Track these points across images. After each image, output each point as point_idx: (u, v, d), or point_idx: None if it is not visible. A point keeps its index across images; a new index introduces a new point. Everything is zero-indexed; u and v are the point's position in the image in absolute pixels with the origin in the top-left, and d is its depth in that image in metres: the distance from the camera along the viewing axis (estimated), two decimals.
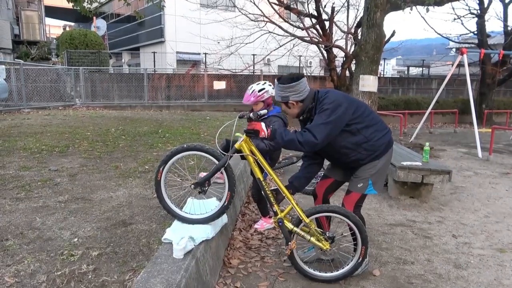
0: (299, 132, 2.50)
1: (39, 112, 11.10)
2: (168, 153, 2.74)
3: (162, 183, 2.74)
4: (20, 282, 2.04)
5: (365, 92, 7.80)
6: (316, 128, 2.43)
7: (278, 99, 2.64)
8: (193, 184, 2.70)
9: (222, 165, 2.64)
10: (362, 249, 2.65)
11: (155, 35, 22.60)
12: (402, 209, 4.42)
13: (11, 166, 4.39)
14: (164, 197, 2.76)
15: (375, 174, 2.65)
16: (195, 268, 2.25)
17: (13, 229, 2.70)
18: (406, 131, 11.03)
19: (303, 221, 2.63)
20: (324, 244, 2.66)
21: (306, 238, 2.66)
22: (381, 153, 2.64)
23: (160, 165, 2.72)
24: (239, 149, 2.67)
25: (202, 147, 2.71)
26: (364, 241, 2.65)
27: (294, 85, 2.52)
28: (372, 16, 7.69)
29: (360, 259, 2.68)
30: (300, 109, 2.60)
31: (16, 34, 22.71)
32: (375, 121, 2.64)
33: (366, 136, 2.57)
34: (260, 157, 2.68)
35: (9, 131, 6.84)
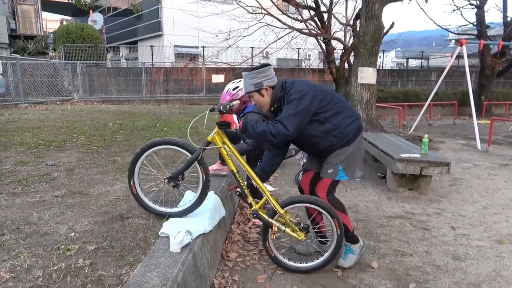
0: (271, 124, 2.48)
1: (36, 107, 11.05)
2: (138, 150, 2.76)
3: (140, 194, 2.81)
4: (16, 277, 2.03)
5: (364, 84, 7.78)
6: (287, 119, 2.43)
7: (250, 88, 2.58)
8: (166, 179, 2.71)
9: (195, 159, 2.64)
10: (334, 221, 2.60)
11: (153, 29, 22.44)
12: (400, 201, 4.42)
13: (8, 161, 4.37)
14: (144, 200, 2.83)
15: (345, 160, 2.65)
16: (192, 261, 2.24)
17: (9, 224, 2.69)
18: (405, 123, 11.02)
19: (278, 212, 2.63)
20: (299, 234, 2.66)
21: (281, 229, 2.65)
22: (351, 139, 2.65)
23: (129, 179, 2.79)
24: (211, 142, 2.68)
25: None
26: (333, 216, 2.60)
27: (265, 70, 2.55)
28: (370, 7, 7.64)
29: (339, 232, 2.61)
30: (271, 98, 2.59)
31: (13, 28, 22.53)
32: (343, 108, 2.65)
33: (335, 123, 2.59)
34: (233, 149, 2.69)
35: (6, 126, 6.81)
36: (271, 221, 2.64)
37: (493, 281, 2.72)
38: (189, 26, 17.69)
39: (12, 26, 22.40)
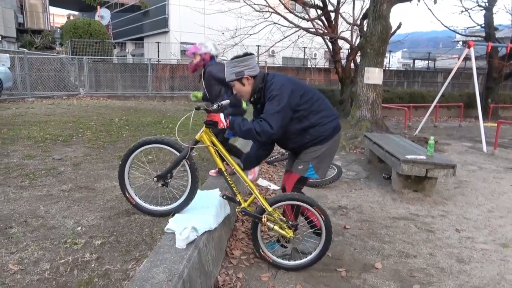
0: (256, 122, 2.50)
1: (43, 101, 11.12)
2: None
3: (139, 202, 2.86)
4: (24, 270, 2.05)
5: (370, 84, 7.76)
6: (271, 117, 2.44)
7: (231, 77, 2.57)
8: (155, 177, 2.76)
9: (183, 157, 2.68)
10: (315, 209, 2.59)
11: (159, 25, 22.46)
12: (405, 202, 4.41)
13: (15, 154, 4.41)
14: (145, 206, 2.87)
15: (316, 158, 2.66)
16: (197, 258, 2.26)
17: (17, 217, 2.71)
18: (410, 125, 10.97)
19: (266, 210, 2.63)
20: (287, 232, 2.66)
21: (270, 227, 2.66)
22: (325, 138, 2.65)
23: (123, 191, 2.85)
24: (199, 140, 2.72)
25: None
26: (313, 204, 2.59)
27: (247, 59, 2.54)
28: (378, 7, 7.61)
29: (324, 218, 2.59)
30: (252, 88, 2.58)
31: (20, 22, 22.66)
32: (322, 107, 2.65)
33: (312, 121, 2.60)
34: (221, 148, 2.72)
35: (13, 120, 6.86)
36: (260, 216, 2.64)
37: (498, 285, 2.72)
38: (195, 23, 17.70)
39: (19, 20, 22.53)
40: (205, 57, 3.81)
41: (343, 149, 7.17)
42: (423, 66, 26.54)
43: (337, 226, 3.61)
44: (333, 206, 4.16)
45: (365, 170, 5.75)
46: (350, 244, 3.24)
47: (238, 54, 2.60)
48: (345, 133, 7.75)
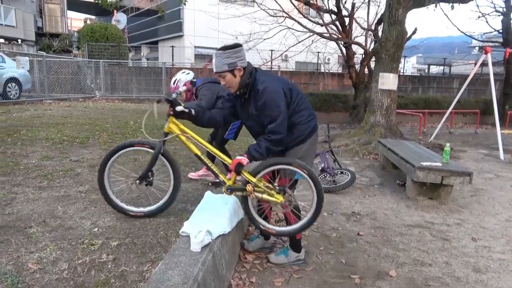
0: (267, 138, 2.51)
1: (60, 103, 11.33)
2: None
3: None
4: (43, 269, 2.10)
5: (385, 90, 7.71)
6: (278, 127, 2.48)
7: (223, 68, 2.49)
8: (137, 180, 2.82)
9: (158, 153, 2.75)
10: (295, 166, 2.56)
11: (174, 29, 22.71)
12: (420, 210, 4.36)
13: (34, 155, 4.51)
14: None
15: (301, 158, 2.65)
16: (211, 261, 2.27)
17: (36, 217, 2.78)
18: (425, 131, 10.84)
19: (251, 182, 2.63)
20: (277, 197, 2.65)
21: (259, 197, 2.66)
22: (306, 137, 2.67)
23: (115, 208, 2.86)
24: (168, 132, 2.78)
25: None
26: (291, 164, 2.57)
27: (239, 50, 2.51)
28: (394, 13, 7.57)
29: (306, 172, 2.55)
30: (241, 79, 2.54)
31: (39, 26, 23.21)
32: (304, 106, 2.67)
33: (294, 120, 2.61)
34: (191, 133, 2.77)
35: (32, 122, 7.01)
36: (245, 187, 2.63)
37: None
38: (209, 28, 17.85)
39: (38, 24, 23.08)
40: (188, 87, 3.87)
41: (356, 155, 7.12)
42: (438, 72, 26.21)
43: (350, 232, 3.59)
44: (346, 212, 4.14)
45: (379, 176, 5.70)
46: (364, 251, 3.22)
47: (226, 45, 2.54)
48: (358, 139, 7.70)
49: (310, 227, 2.76)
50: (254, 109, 2.57)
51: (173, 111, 2.70)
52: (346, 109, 12.29)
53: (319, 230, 3.59)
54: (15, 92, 10.71)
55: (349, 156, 7.05)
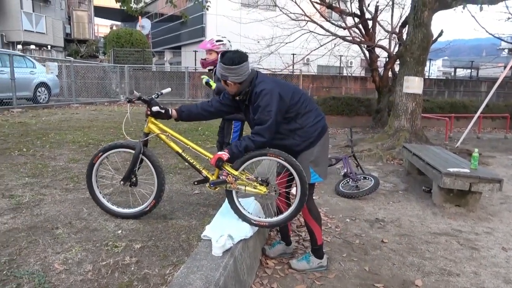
0: (250, 138, 2.53)
1: (86, 107, 11.65)
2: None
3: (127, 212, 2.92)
4: (68, 270, 2.14)
5: (410, 94, 7.54)
6: (263, 131, 2.49)
7: (218, 75, 2.59)
8: (121, 181, 2.88)
9: (138, 153, 2.81)
10: (270, 155, 2.56)
11: (197, 34, 23.02)
12: (447, 217, 4.22)
13: (62, 158, 4.64)
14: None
15: (314, 161, 2.64)
16: (233, 266, 2.26)
17: (62, 218, 2.85)
18: (452, 136, 10.53)
19: (233, 175, 2.62)
20: (260, 189, 2.64)
21: (242, 190, 2.65)
22: (315, 139, 2.63)
23: (112, 214, 2.92)
24: (148, 132, 2.84)
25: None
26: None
27: (235, 68, 2.49)
28: (419, 15, 7.41)
29: (283, 159, 2.53)
30: (238, 90, 2.58)
31: (68, 33, 24.00)
32: (310, 107, 2.63)
33: (300, 123, 2.58)
34: (171, 132, 2.82)
35: (59, 125, 7.23)
36: (229, 185, 2.63)
37: None
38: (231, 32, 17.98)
39: (67, 30, 23.87)
40: (215, 58, 3.71)
41: (380, 160, 6.98)
42: (465, 75, 25.50)
43: (374, 239, 3.51)
44: (370, 219, 4.05)
45: (403, 182, 5.56)
46: (388, 258, 3.14)
47: (229, 53, 2.53)
48: (382, 143, 7.55)
49: (299, 214, 2.73)
50: (252, 112, 2.58)
51: (150, 111, 2.76)
52: (369, 113, 12.09)
53: (341, 237, 3.53)
54: (44, 97, 11.10)
55: (372, 161, 6.92)
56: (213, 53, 3.70)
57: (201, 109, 2.80)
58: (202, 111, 2.80)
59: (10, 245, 2.38)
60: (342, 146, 8.04)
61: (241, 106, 2.71)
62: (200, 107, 2.81)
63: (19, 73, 9.57)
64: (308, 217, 2.75)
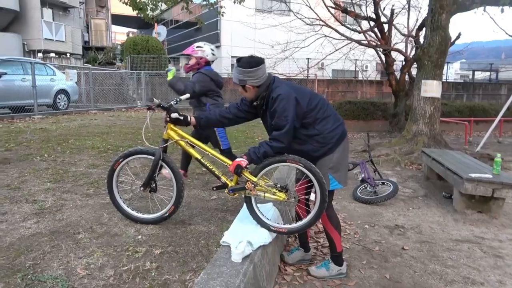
0: (268, 143, 2.53)
1: (104, 113, 11.86)
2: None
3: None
4: (90, 275, 2.17)
5: (428, 97, 7.43)
6: (281, 137, 2.48)
7: (235, 81, 2.58)
8: (141, 187, 2.90)
9: (158, 159, 2.82)
10: (289, 161, 2.54)
11: (211, 40, 23.19)
12: (468, 224, 4.12)
13: (81, 163, 4.72)
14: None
15: (333, 167, 2.61)
16: (252, 273, 2.26)
17: (84, 223, 2.89)
18: (471, 140, 10.31)
19: (252, 181, 2.61)
20: (279, 196, 2.62)
21: (261, 197, 2.63)
22: (334, 145, 2.60)
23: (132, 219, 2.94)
24: (167, 139, 2.85)
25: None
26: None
27: (253, 71, 2.50)
28: (437, 17, 7.32)
29: (301, 164, 2.51)
30: (255, 94, 2.58)
31: (86, 40, 24.55)
32: (328, 113, 2.61)
33: (318, 129, 2.57)
34: (190, 138, 2.84)
35: (79, 131, 7.38)
36: (244, 186, 2.62)
37: None
38: (246, 37, 18.11)
39: (85, 38, 24.41)
40: (200, 62, 3.84)
41: (398, 165, 6.88)
42: (484, 78, 24.99)
43: (394, 246, 3.45)
44: (389, 225, 3.99)
45: (422, 188, 5.46)
46: (409, 266, 3.08)
47: (246, 58, 2.55)
48: (399, 148, 7.45)
49: (317, 220, 2.68)
50: (269, 117, 2.58)
51: (169, 118, 2.79)
52: (385, 118, 11.95)
53: (361, 243, 3.49)
54: (64, 103, 11.35)
55: (389, 166, 6.83)
56: (192, 58, 3.85)
57: (219, 115, 2.82)
58: (220, 118, 2.82)
59: (34, 250, 2.43)
60: (359, 151, 7.96)
61: (258, 112, 2.71)
62: (218, 114, 2.83)
63: (40, 80, 9.81)
64: (328, 224, 2.72)
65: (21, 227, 2.77)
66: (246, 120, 2.86)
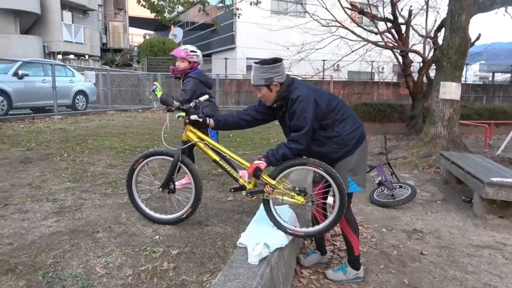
0: (287, 145, 2.52)
1: (121, 114, 12.04)
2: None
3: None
4: (109, 274, 2.19)
5: (447, 100, 7.30)
6: (300, 138, 2.48)
7: (260, 82, 2.51)
8: (160, 188, 2.92)
9: (177, 161, 2.83)
10: (310, 165, 2.53)
11: (227, 42, 23.34)
12: (489, 229, 4.02)
13: (100, 163, 4.80)
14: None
15: (352, 170, 2.58)
16: (269, 275, 2.25)
17: (102, 222, 2.93)
18: (491, 143, 10.07)
19: (271, 184, 2.58)
20: (297, 199, 2.59)
21: (279, 199, 2.61)
22: (353, 147, 2.57)
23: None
24: (186, 140, 2.85)
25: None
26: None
27: (278, 66, 2.50)
28: (456, 18, 7.19)
29: (322, 169, 2.49)
30: (277, 94, 2.55)
31: (104, 42, 24.98)
32: (347, 115, 2.59)
33: (337, 130, 2.55)
34: (209, 140, 2.84)
35: (97, 131, 7.50)
36: (264, 189, 2.60)
37: None
38: (261, 39, 18.10)
39: (103, 40, 24.85)
40: (193, 66, 3.85)
41: (415, 168, 6.77)
42: (504, 80, 24.40)
43: (412, 251, 3.39)
44: (407, 229, 3.93)
45: (441, 192, 5.36)
46: (428, 271, 3.02)
47: (265, 58, 2.56)
48: (417, 151, 7.33)
49: (335, 225, 2.69)
50: (288, 119, 2.57)
51: (188, 120, 2.80)
52: (402, 120, 11.78)
53: (378, 247, 3.44)
54: (82, 104, 11.57)
55: (407, 169, 6.73)
56: (185, 62, 3.83)
57: (238, 118, 2.82)
58: (238, 120, 2.82)
59: (54, 248, 2.47)
60: (375, 153, 7.87)
61: (276, 114, 2.71)
62: (236, 117, 2.83)
63: (59, 81, 10.01)
64: (346, 228, 2.70)
65: (42, 226, 2.82)
66: (264, 122, 2.86)
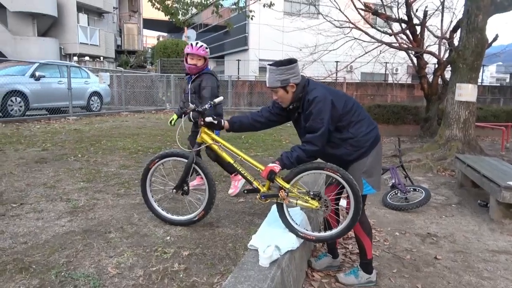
0: (301, 147, 2.50)
1: (135, 115, 12.16)
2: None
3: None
4: (121, 274, 2.21)
5: (462, 102, 7.17)
6: (315, 139, 2.46)
7: (276, 84, 2.50)
8: (174, 189, 2.92)
9: (191, 163, 2.83)
10: (327, 170, 2.50)
11: (239, 43, 23.40)
12: (506, 234, 3.92)
13: (113, 164, 4.85)
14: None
15: (366, 172, 2.56)
16: (280, 278, 2.23)
17: (114, 222, 2.96)
18: (508, 146, 9.85)
19: (285, 188, 2.56)
20: (312, 203, 2.57)
21: (293, 203, 2.59)
22: (368, 149, 2.54)
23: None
24: (201, 142, 2.85)
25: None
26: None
27: (294, 66, 2.49)
28: (473, 19, 7.05)
29: (339, 174, 2.46)
30: (293, 96, 2.53)
31: (118, 44, 25.31)
32: (362, 116, 2.57)
33: (352, 132, 2.53)
34: (223, 143, 2.85)
35: (111, 132, 7.59)
36: (278, 193, 2.58)
37: None
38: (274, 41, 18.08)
39: (118, 42, 25.18)
40: (207, 64, 3.79)
41: (430, 171, 6.67)
42: None
43: (426, 255, 3.33)
44: (421, 233, 3.86)
45: (456, 195, 5.26)
46: (442, 276, 2.96)
47: (280, 60, 2.54)
48: (431, 154, 7.21)
49: (349, 231, 2.65)
50: (303, 120, 2.55)
51: (203, 122, 2.80)
52: (416, 122, 11.62)
53: (391, 251, 3.39)
54: (97, 105, 11.74)
55: (421, 172, 6.62)
56: (202, 60, 3.71)
57: (252, 119, 2.82)
58: (253, 122, 2.82)
59: (67, 247, 2.50)
60: (389, 155, 7.77)
61: (291, 116, 2.69)
62: (251, 118, 2.83)
63: (75, 83, 10.17)
64: (360, 230, 2.66)
65: (56, 225, 2.86)
66: (278, 123, 2.84)
